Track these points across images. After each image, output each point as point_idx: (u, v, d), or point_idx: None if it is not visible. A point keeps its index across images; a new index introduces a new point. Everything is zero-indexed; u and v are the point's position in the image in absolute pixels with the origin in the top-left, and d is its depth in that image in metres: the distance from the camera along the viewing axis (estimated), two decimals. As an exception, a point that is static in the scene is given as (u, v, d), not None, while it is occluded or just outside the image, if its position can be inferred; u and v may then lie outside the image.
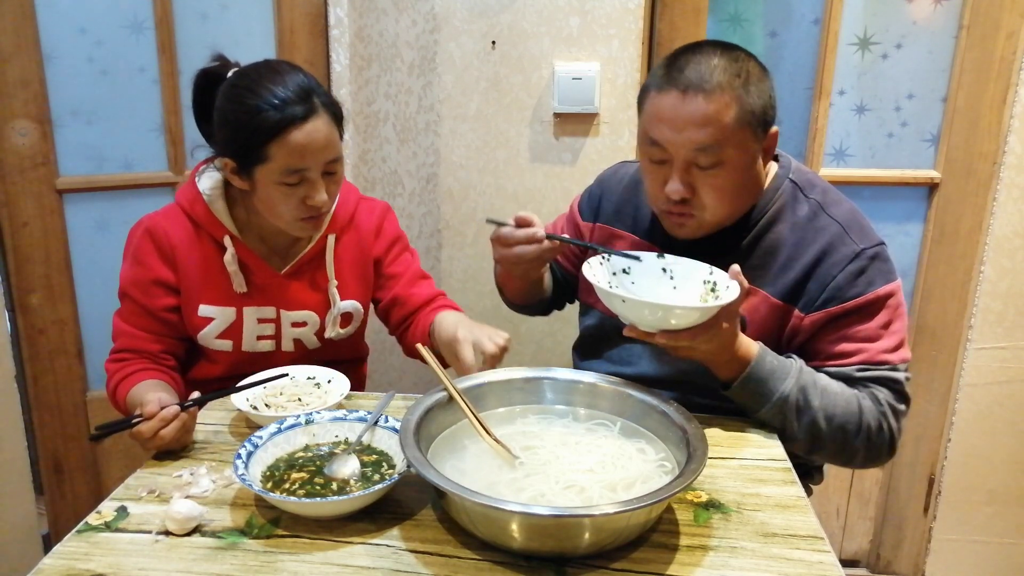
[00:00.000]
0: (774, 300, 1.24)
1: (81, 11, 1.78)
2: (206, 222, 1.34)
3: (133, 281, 1.36)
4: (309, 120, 1.22)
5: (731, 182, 1.18)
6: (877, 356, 1.20)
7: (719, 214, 1.21)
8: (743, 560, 0.90)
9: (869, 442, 1.19)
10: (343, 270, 1.43)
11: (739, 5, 1.94)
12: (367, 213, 1.46)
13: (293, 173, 1.24)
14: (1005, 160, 1.84)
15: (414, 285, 1.50)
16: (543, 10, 1.90)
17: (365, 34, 1.94)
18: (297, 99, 1.22)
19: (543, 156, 2.00)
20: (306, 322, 1.41)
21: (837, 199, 1.28)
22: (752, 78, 1.16)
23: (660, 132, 1.17)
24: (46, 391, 1.92)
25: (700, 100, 1.13)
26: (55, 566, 0.89)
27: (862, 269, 1.20)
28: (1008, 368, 1.96)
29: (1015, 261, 1.90)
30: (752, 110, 1.15)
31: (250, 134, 1.22)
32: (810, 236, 1.23)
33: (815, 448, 1.20)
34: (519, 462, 1.02)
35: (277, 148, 1.22)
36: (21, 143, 1.78)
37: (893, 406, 1.20)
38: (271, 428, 1.09)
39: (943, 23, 1.89)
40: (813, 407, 1.16)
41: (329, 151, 1.26)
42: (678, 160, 1.17)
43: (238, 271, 1.35)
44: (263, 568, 0.89)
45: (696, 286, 1.18)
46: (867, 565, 2.27)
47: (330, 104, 1.27)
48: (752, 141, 1.18)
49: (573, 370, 1.20)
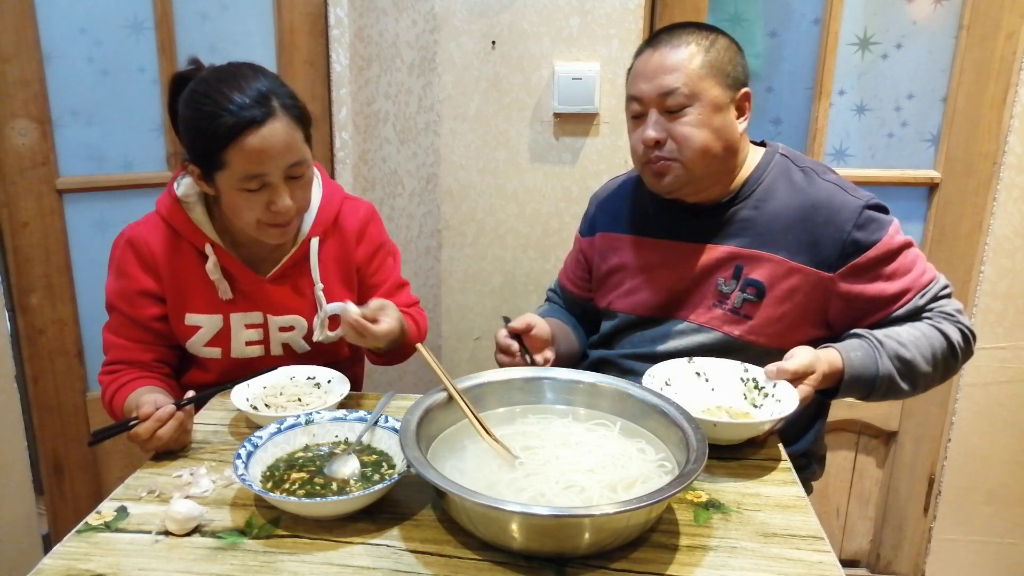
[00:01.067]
0: (793, 263, 1.29)
1: (81, 11, 1.78)
2: (186, 231, 1.33)
3: (118, 293, 1.35)
4: (265, 124, 1.19)
5: (699, 124, 1.26)
6: (922, 279, 1.30)
7: (693, 158, 1.28)
8: (743, 560, 0.90)
9: (962, 350, 1.29)
10: (328, 273, 1.41)
11: (739, 5, 1.94)
12: (351, 215, 1.44)
13: (252, 179, 1.21)
14: (1005, 160, 1.84)
15: (392, 295, 1.48)
16: (543, 10, 1.90)
17: (365, 34, 1.94)
18: (253, 103, 1.19)
19: (543, 156, 2.00)
20: (293, 326, 1.40)
21: (825, 168, 1.37)
22: (719, 42, 1.29)
23: (635, 87, 1.30)
24: (46, 391, 1.92)
25: (667, 51, 1.27)
26: (55, 566, 0.89)
27: (870, 218, 1.28)
28: (1008, 368, 1.96)
29: (1015, 261, 1.90)
30: (718, 62, 1.27)
31: (207, 140, 1.20)
32: (813, 197, 1.30)
33: (930, 385, 1.30)
34: (519, 462, 1.02)
35: (234, 153, 1.19)
36: (21, 143, 1.78)
37: (958, 308, 1.31)
38: (271, 428, 1.09)
39: (943, 23, 1.89)
40: (913, 362, 1.24)
41: (290, 155, 1.22)
42: (651, 107, 1.28)
43: (222, 278, 1.34)
44: (263, 568, 0.89)
45: (734, 384, 1.23)
46: (867, 565, 2.27)
47: (292, 107, 1.23)
48: (718, 89, 1.27)
49: (573, 370, 1.20)
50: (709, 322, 1.35)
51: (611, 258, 1.47)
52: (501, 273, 2.09)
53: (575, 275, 1.58)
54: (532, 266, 2.06)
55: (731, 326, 1.33)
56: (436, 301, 2.13)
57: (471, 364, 2.15)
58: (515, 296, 2.10)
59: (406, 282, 1.55)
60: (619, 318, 1.45)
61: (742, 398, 1.21)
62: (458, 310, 2.13)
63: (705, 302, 1.35)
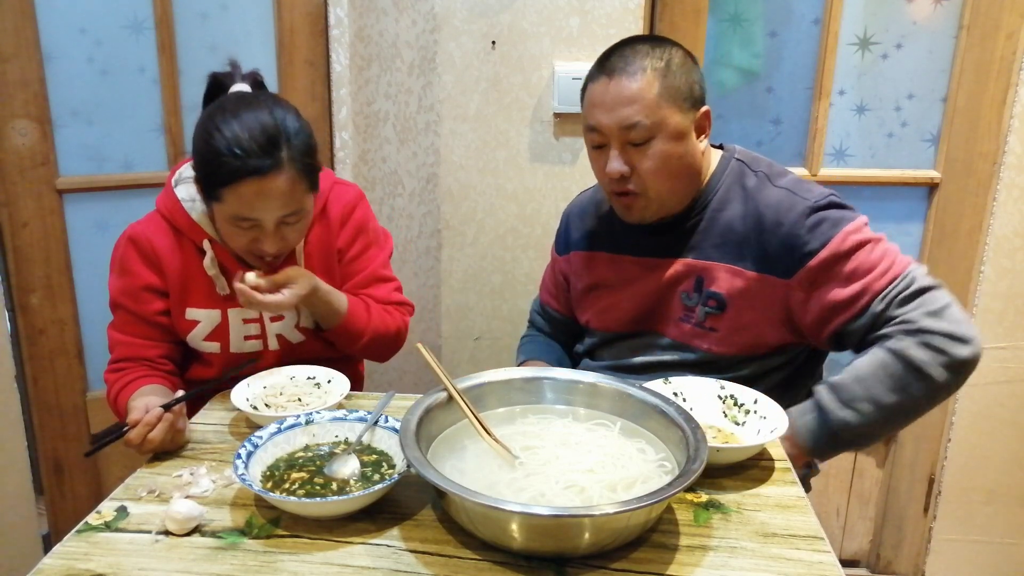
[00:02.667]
0: (749, 273, 1.28)
1: (81, 11, 1.78)
2: (186, 227, 1.34)
3: (123, 291, 1.36)
4: (268, 175, 1.18)
5: (665, 155, 1.24)
6: (880, 281, 1.21)
7: (660, 190, 1.27)
8: (743, 560, 0.90)
9: (937, 365, 1.17)
10: (313, 260, 1.41)
11: (739, 5, 1.94)
12: (337, 201, 1.43)
13: (243, 220, 1.23)
14: (1005, 160, 1.84)
15: (367, 287, 1.45)
16: (543, 10, 1.90)
17: (365, 34, 1.94)
18: (260, 150, 1.18)
19: (543, 156, 2.00)
20: (283, 315, 1.40)
21: (781, 171, 1.33)
22: (674, 61, 1.25)
23: (594, 117, 1.26)
24: (46, 391, 1.92)
25: (624, 81, 1.23)
26: (55, 566, 0.89)
27: (820, 219, 1.24)
28: (1008, 368, 1.96)
29: (1015, 261, 1.90)
30: (676, 87, 1.24)
31: (209, 173, 1.21)
32: (763, 204, 1.28)
33: (914, 410, 1.21)
34: (519, 462, 1.02)
35: (230, 194, 1.20)
36: (21, 143, 1.78)
37: (933, 311, 1.18)
38: (271, 428, 1.09)
39: (943, 23, 1.89)
40: (872, 399, 1.18)
41: (286, 206, 1.22)
42: (614, 140, 1.25)
43: (219, 274, 1.35)
44: (263, 568, 0.89)
45: (711, 403, 1.21)
46: (867, 565, 2.27)
47: (300, 157, 1.22)
48: (679, 115, 1.24)
49: (573, 370, 1.20)
50: (680, 336, 1.35)
51: (585, 277, 1.47)
52: (501, 273, 2.09)
53: (556, 292, 1.58)
54: (532, 266, 2.06)
55: (699, 340, 1.33)
56: (436, 301, 2.13)
57: (471, 364, 2.15)
58: (515, 296, 2.10)
59: (391, 278, 1.50)
60: (598, 335, 1.47)
61: (722, 416, 1.19)
62: (458, 310, 2.13)
63: (673, 317, 1.36)
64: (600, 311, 1.45)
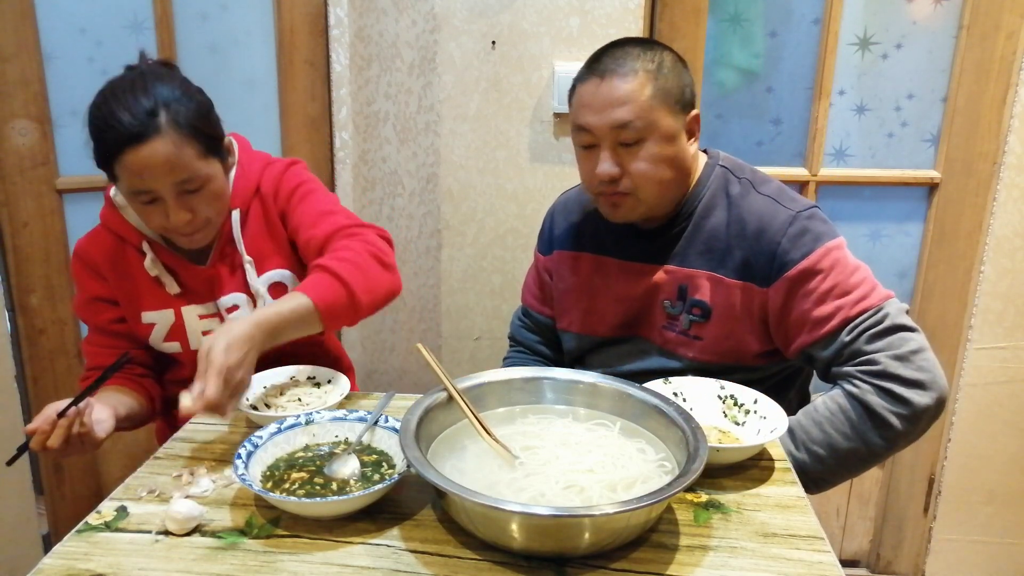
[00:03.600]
0: (731, 281, 1.27)
1: (81, 11, 1.78)
2: (124, 232, 1.34)
3: (79, 304, 1.41)
4: (146, 142, 1.17)
5: (655, 157, 1.23)
6: (853, 309, 1.20)
7: (650, 192, 1.26)
8: (743, 560, 0.90)
9: (897, 414, 1.15)
10: (259, 242, 1.37)
11: (739, 5, 1.94)
12: (269, 177, 1.38)
13: (141, 193, 1.21)
14: (1005, 160, 1.84)
15: (315, 226, 1.32)
16: (543, 10, 1.90)
17: (365, 34, 1.94)
18: (137, 121, 1.16)
19: (543, 156, 2.00)
20: (238, 305, 1.37)
21: (765, 179, 1.33)
22: (666, 63, 1.24)
23: (584, 117, 1.25)
24: (46, 391, 1.92)
25: (616, 82, 1.22)
26: (55, 566, 0.89)
27: (803, 229, 1.23)
28: (1008, 368, 1.96)
29: (1015, 261, 1.90)
30: (668, 89, 1.23)
31: (98, 154, 1.21)
32: (746, 211, 1.27)
33: (870, 457, 1.20)
34: (519, 462, 1.02)
35: (119, 168, 1.20)
36: (21, 143, 1.78)
37: (899, 355, 1.16)
38: (271, 428, 1.09)
39: (943, 23, 1.89)
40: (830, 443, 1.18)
41: (176, 172, 1.20)
42: (604, 141, 1.24)
43: (164, 272, 1.35)
44: (263, 568, 0.89)
45: (711, 403, 1.21)
46: (867, 565, 2.27)
47: (186, 123, 1.20)
48: (670, 118, 1.24)
49: (573, 370, 1.19)
50: (665, 344, 1.35)
51: (569, 277, 1.45)
52: (501, 273, 2.09)
53: (542, 295, 1.55)
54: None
55: (685, 348, 1.32)
56: (436, 301, 2.13)
57: (471, 364, 2.15)
58: (515, 296, 2.09)
59: (337, 209, 1.36)
60: (584, 339, 1.44)
61: (722, 416, 1.19)
62: (458, 310, 2.13)
63: (657, 325, 1.35)
64: (584, 313, 1.43)
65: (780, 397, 1.36)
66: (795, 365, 1.36)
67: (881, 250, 2.05)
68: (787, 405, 1.30)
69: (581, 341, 1.45)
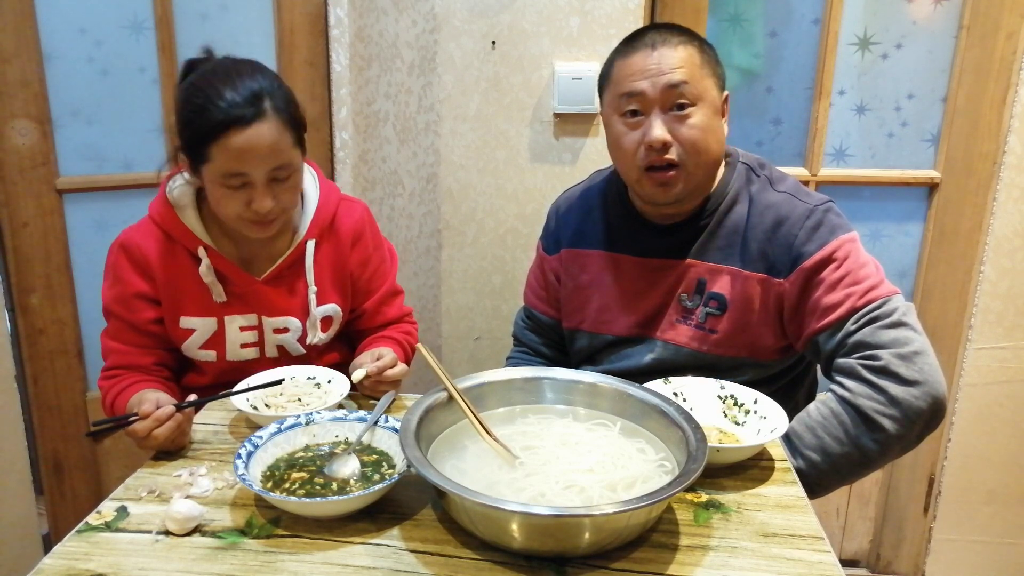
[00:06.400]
0: (749, 273, 1.29)
1: (81, 11, 1.78)
2: (178, 234, 1.32)
3: (115, 298, 1.35)
4: (252, 124, 1.18)
5: (705, 126, 1.24)
6: (862, 299, 1.21)
7: (697, 163, 1.26)
8: (743, 560, 0.90)
9: (890, 416, 1.16)
10: (323, 276, 1.40)
11: (739, 5, 1.94)
12: (346, 217, 1.42)
13: (234, 176, 1.21)
14: (1005, 160, 1.84)
15: (385, 304, 1.50)
16: (543, 10, 1.90)
17: (365, 34, 1.94)
18: (244, 102, 1.18)
19: (543, 156, 2.00)
20: (288, 328, 1.39)
21: (781, 176, 1.35)
22: (705, 44, 1.28)
23: (636, 84, 1.25)
24: (46, 391, 1.92)
25: (668, 49, 1.24)
26: (55, 566, 0.89)
27: (819, 222, 1.26)
28: (1008, 368, 1.96)
29: (1015, 261, 1.90)
30: (712, 62, 1.27)
31: (194, 132, 1.20)
32: (764, 206, 1.29)
33: (864, 466, 1.21)
34: (519, 462, 1.02)
35: (217, 150, 1.19)
36: (21, 143, 1.78)
37: (902, 354, 1.16)
38: (271, 428, 1.09)
39: (943, 23, 1.89)
40: (823, 448, 1.18)
41: (275, 158, 1.22)
42: (656, 106, 1.24)
43: (215, 281, 1.33)
44: (263, 568, 0.89)
45: (711, 403, 1.21)
46: (867, 565, 2.27)
47: (285, 110, 1.23)
48: (716, 90, 1.27)
49: (573, 370, 1.19)
50: (675, 338, 1.34)
51: (579, 275, 1.44)
52: (501, 273, 2.09)
53: (546, 295, 1.53)
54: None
55: (698, 342, 1.33)
56: (436, 301, 2.13)
57: (471, 364, 2.15)
58: (515, 296, 2.10)
59: (400, 291, 1.54)
60: (593, 337, 1.44)
61: (722, 416, 1.19)
62: (458, 310, 2.13)
63: (671, 319, 1.35)
64: (597, 311, 1.42)
65: (789, 396, 1.36)
66: (805, 361, 1.37)
67: (881, 250, 2.05)
68: (795, 405, 1.30)
69: (594, 340, 1.44)
